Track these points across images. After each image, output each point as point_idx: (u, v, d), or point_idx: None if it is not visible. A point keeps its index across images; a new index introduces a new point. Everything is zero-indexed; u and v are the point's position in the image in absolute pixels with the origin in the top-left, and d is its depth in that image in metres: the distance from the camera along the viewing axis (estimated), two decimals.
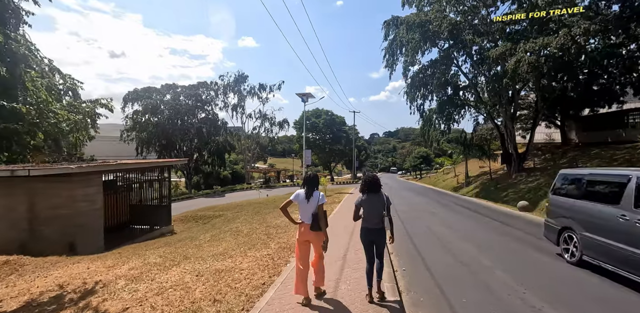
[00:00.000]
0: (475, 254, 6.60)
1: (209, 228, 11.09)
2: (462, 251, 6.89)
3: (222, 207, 16.92)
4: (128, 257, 6.94)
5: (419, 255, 6.57)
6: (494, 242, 7.76)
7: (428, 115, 25.57)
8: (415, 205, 15.84)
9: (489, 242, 7.75)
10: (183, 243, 8.25)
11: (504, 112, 21.76)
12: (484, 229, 9.51)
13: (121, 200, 12.37)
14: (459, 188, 26.94)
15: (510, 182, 20.82)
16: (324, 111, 51.15)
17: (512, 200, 16.52)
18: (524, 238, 8.19)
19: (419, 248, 7.14)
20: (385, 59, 24.33)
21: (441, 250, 7.01)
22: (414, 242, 7.68)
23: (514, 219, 11.39)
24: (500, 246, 7.38)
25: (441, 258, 6.43)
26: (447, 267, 5.81)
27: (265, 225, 9.48)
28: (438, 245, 7.52)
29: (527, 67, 14.87)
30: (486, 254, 6.60)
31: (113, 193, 11.68)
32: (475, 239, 8.06)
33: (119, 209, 12.19)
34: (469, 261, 6.14)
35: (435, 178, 41.66)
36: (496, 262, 6.02)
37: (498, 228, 9.73)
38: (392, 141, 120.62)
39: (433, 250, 7.06)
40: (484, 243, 7.65)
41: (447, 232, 9.02)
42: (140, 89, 37.73)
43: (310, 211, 3.88)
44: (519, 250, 6.97)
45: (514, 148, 22.01)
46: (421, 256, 6.49)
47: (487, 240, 7.95)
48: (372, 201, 4.07)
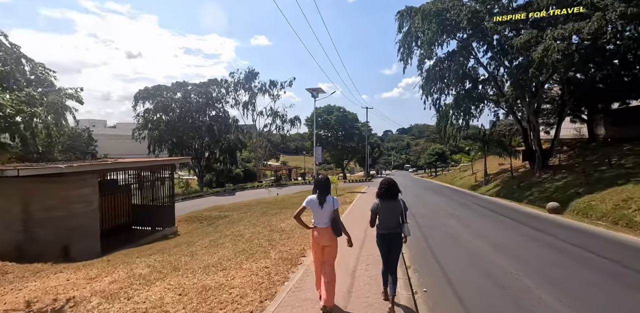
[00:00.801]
0: (512, 270, 5.57)
1: (211, 231, 10.44)
2: (494, 266, 5.84)
3: (229, 207, 16.33)
4: (115, 266, 6.30)
5: (442, 272, 5.60)
6: (530, 254, 6.65)
7: (444, 110, 24.34)
8: (433, 206, 14.73)
9: (526, 255, 6.62)
10: (179, 249, 7.59)
11: (527, 106, 20.40)
12: (515, 236, 8.39)
13: (122, 201, 11.86)
14: (477, 186, 25.66)
15: (534, 180, 19.51)
16: (336, 108, 50.10)
17: (538, 200, 15.32)
18: (564, 249, 7.15)
19: (441, 261, 6.17)
20: (400, 52, 23.23)
21: (469, 265, 6.01)
22: (435, 254, 6.70)
23: (545, 223, 10.25)
24: (540, 259, 6.26)
25: (471, 276, 5.40)
26: (479, 290, 4.81)
27: (269, 229, 8.74)
28: (464, 258, 6.49)
29: (557, 55, 13.59)
30: (525, 271, 5.53)
31: (113, 194, 11.17)
32: (508, 250, 6.99)
33: (120, 210, 11.69)
34: (506, 281, 5.09)
35: (452, 176, 40.23)
36: (541, 283, 4.95)
37: (531, 235, 8.59)
38: (406, 138, 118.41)
39: (459, 264, 6.05)
40: (520, 255, 6.55)
41: (473, 240, 7.98)
42: (151, 87, 37.62)
43: (324, 216, 3.81)
44: (566, 266, 5.93)
45: (537, 144, 20.64)
46: (445, 273, 5.52)
47: (522, 252, 6.85)
48: (389, 207, 3.92)
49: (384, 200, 3.93)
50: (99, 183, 10.26)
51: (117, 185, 11.69)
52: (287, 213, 11.69)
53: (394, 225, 3.91)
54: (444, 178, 40.67)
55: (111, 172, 12.11)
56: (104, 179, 10.92)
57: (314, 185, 4.01)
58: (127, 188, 12.16)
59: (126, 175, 12.51)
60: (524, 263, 5.95)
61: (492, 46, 19.52)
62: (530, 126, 21.31)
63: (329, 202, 3.81)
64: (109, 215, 10.96)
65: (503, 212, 12.84)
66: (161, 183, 12.59)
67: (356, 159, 58.23)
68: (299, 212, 3.90)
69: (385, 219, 3.92)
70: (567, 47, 14.27)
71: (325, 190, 3.88)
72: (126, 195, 12.08)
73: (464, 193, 23.29)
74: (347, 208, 12.31)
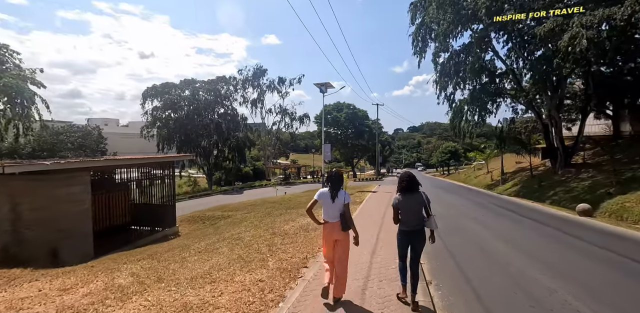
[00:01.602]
0: (554, 287, 4.61)
1: (211, 232, 9.78)
2: (531, 281, 4.88)
3: (234, 207, 15.70)
4: (97, 274, 5.65)
5: (470, 287, 4.75)
6: (574, 267, 5.63)
7: (459, 106, 23.25)
8: (451, 208, 13.63)
9: (569, 268, 5.56)
10: (171, 253, 6.91)
11: (549, 100, 19.19)
12: (548, 243, 7.40)
13: (120, 200, 11.31)
14: (493, 185, 24.49)
15: (556, 179, 18.35)
16: (346, 105, 49.14)
17: (564, 200, 14.23)
18: (609, 259, 6.23)
19: (468, 274, 5.31)
20: (414, 45, 22.23)
21: (503, 281, 5.03)
22: (460, 265, 5.80)
23: (577, 227, 9.21)
24: (586, 273, 5.29)
25: (507, 295, 4.45)
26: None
27: (271, 232, 8.01)
28: (495, 271, 5.50)
29: (587, 43, 12.46)
30: (575, 290, 4.51)
31: (110, 192, 10.61)
32: (545, 261, 6.00)
33: (117, 209, 11.14)
34: (553, 303, 4.12)
35: (466, 174, 38.92)
36: (600, 307, 4.02)
37: (566, 241, 7.60)
38: (417, 136, 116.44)
39: (491, 281, 5.08)
40: (562, 269, 5.52)
41: (501, 248, 6.98)
42: (160, 84, 37.32)
43: (335, 210, 3.76)
44: (617, 283, 5.00)
45: (560, 141, 19.43)
46: (474, 289, 4.66)
47: (563, 264, 5.85)
48: (410, 201, 3.80)
49: (405, 194, 3.80)
50: (94, 182, 9.71)
51: (114, 183, 11.14)
52: (292, 214, 10.96)
53: (416, 222, 3.78)
54: (457, 177, 39.40)
55: (114, 170, 11.61)
56: (99, 177, 10.36)
57: (326, 180, 3.95)
58: (125, 187, 11.61)
59: (127, 173, 11.99)
60: (568, 280, 4.97)
61: (511, 37, 18.35)
62: (551, 122, 20.09)
63: (341, 196, 3.76)
64: (104, 215, 10.41)
65: (527, 214, 11.82)
66: (161, 182, 12.00)
67: (366, 157, 57.21)
68: (310, 205, 3.88)
69: (407, 215, 3.79)
70: (597, 34, 13.12)
71: (337, 184, 3.82)
72: (124, 194, 11.52)
73: (480, 192, 22.19)
74: (357, 209, 11.49)
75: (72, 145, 36.50)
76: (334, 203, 3.74)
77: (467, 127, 24.71)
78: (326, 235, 3.84)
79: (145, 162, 11.23)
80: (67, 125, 41.51)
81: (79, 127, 42.15)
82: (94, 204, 9.93)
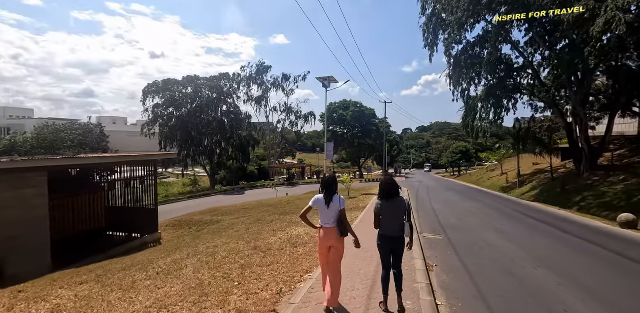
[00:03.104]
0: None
1: (188, 243, 8.50)
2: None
3: (225, 210, 14.42)
4: (14, 305, 4.39)
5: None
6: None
7: (472, 103, 21.65)
8: (468, 216, 11.76)
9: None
10: (124, 274, 5.63)
11: (574, 95, 17.49)
12: (599, 268, 5.88)
13: (92, 202, 10.11)
14: (509, 188, 22.80)
15: (581, 182, 16.66)
16: (352, 103, 47.51)
17: (594, 207, 12.63)
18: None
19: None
20: (425, 38, 20.69)
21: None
22: (487, 301, 4.36)
23: (626, 244, 7.55)
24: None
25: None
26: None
27: (253, 245, 6.69)
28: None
29: (626, 28, 10.84)
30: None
31: (78, 195, 9.41)
32: (599, 293, 4.59)
33: (89, 213, 9.94)
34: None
35: (478, 176, 37.10)
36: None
37: (619, 265, 6.06)
38: (426, 136, 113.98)
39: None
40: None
41: (538, 276, 5.40)
42: (161, 81, 36.34)
43: (330, 216, 3.70)
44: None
45: (585, 140, 17.73)
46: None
47: (627, 301, 4.41)
48: (392, 207, 3.73)
49: (386, 200, 3.77)
50: (58, 183, 8.52)
51: (85, 184, 9.95)
52: (285, 221, 9.62)
53: (397, 228, 3.73)
54: (468, 179, 37.60)
55: (94, 170, 10.42)
56: (64, 177, 9.16)
57: (321, 186, 3.85)
58: (99, 188, 10.41)
59: (110, 174, 10.81)
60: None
61: (533, 26, 16.68)
62: (576, 119, 18.41)
63: (336, 202, 3.70)
64: (73, 219, 9.23)
65: (558, 224, 10.18)
66: (141, 183, 10.77)
67: (374, 157, 55.55)
68: (305, 211, 3.80)
69: (388, 220, 3.76)
70: (637, 18, 11.50)
71: (331, 190, 3.75)
72: (99, 196, 10.32)
73: (496, 196, 20.55)
74: (359, 217, 10.05)
75: (72, 143, 35.83)
76: (329, 209, 3.68)
77: (481, 125, 23.10)
78: (321, 241, 3.76)
79: (120, 160, 9.97)
80: (69, 123, 40.92)
81: (81, 124, 41.52)
82: (60, 208, 8.76)
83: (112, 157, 10.34)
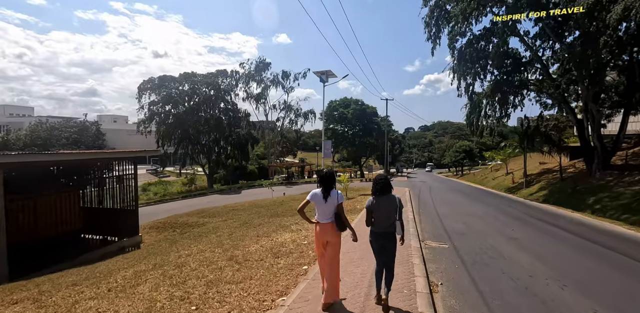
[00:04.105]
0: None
1: (164, 249, 7.65)
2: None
3: (214, 211, 13.57)
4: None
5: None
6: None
7: (476, 100, 20.71)
8: (476, 220, 10.64)
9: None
10: (71, 290, 4.78)
11: (586, 91, 16.51)
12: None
13: (68, 203, 9.29)
14: (516, 189, 21.83)
15: (594, 183, 15.69)
16: (353, 100, 46.55)
17: (611, 210, 11.67)
18: None
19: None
20: (427, 30, 19.74)
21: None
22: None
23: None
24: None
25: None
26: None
27: (229, 255, 5.83)
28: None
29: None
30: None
31: (43, 195, 8.58)
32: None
33: (63, 214, 9.12)
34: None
35: (482, 175, 36.10)
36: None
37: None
38: (429, 135, 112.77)
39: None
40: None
41: (566, 298, 4.45)
42: (157, 77, 35.48)
43: (328, 211, 3.69)
44: None
45: (598, 138, 16.74)
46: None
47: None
48: (383, 204, 3.74)
49: (378, 196, 3.76)
50: (21, 182, 7.70)
51: (56, 183, 9.11)
52: (273, 224, 8.75)
53: (388, 224, 3.73)
54: (472, 178, 36.59)
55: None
56: (30, 176, 8.32)
57: (319, 180, 3.82)
58: (72, 187, 9.57)
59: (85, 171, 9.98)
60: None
61: (541, 17, 15.64)
62: (587, 116, 17.41)
63: (333, 196, 3.67)
64: (38, 222, 8.40)
65: (574, 229, 9.21)
66: (118, 182, 9.92)
67: (375, 156, 54.64)
68: (302, 206, 3.74)
69: (380, 217, 3.75)
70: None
71: (329, 185, 3.71)
72: (72, 196, 9.49)
73: (502, 197, 19.61)
74: (354, 221, 9.15)
75: (67, 141, 35.16)
76: (327, 203, 3.66)
77: (486, 123, 22.16)
78: (318, 236, 3.76)
79: (86, 157, 9.07)
80: (64, 120, 40.28)
81: (77, 122, 40.85)
82: (23, 209, 7.94)
83: (79, 154, 9.47)
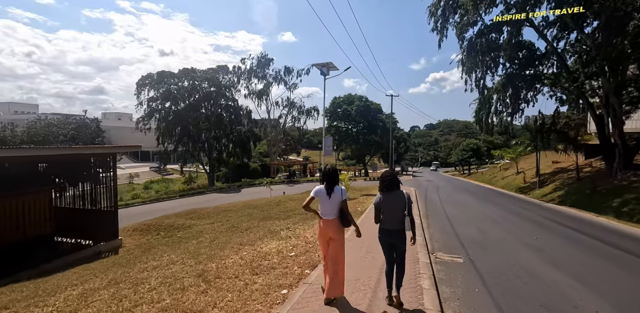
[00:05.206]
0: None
1: (137, 256, 6.75)
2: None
3: (204, 212, 12.65)
4: None
5: None
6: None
7: (486, 95, 19.57)
8: (488, 224, 9.60)
9: None
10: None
11: (607, 83, 15.30)
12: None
13: (38, 203, 8.42)
14: (528, 189, 20.65)
15: (616, 183, 14.52)
16: (357, 97, 45.34)
17: (639, 214, 10.53)
18: None
19: None
20: (434, 20, 18.58)
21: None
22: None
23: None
24: None
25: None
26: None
27: (201, 269, 4.89)
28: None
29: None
30: None
31: (10, 196, 7.70)
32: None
33: (31, 216, 8.25)
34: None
35: (490, 174, 34.83)
36: None
37: None
38: (434, 133, 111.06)
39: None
40: None
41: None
42: (156, 73, 34.66)
43: (332, 207, 3.68)
44: None
45: (619, 135, 15.54)
46: None
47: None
48: (392, 200, 3.66)
49: (386, 193, 3.70)
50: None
51: (22, 182, 8.22)
52: (263, 229, 7.79)
53: (397, 221, 3.61)
54: (480, 178, 35.34)
55: None
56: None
57: (322, 177, 3.86)
58: (42, 187, 8.69)
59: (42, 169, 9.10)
60: None
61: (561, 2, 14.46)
62: (608, 112, 16.18)
63: (337, 192, 3.67)
64: (15, 222, 7.56)
65: (606, 238, 7.98)
66: (94, 182, 9.02)
67: (380, 154, 53.44)
68: (307, 202, 3.71)
69: (389, 214, 3.65)
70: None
71: (333, 180, 3.71)
72: (42, 196, 8.61)
73: (515, 198, 18.46)
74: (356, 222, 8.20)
75: (65, 137, 34.58)
76: (330, 200, 3.64)
77: (496, 119, 21.01)
78: (321, 233, 3.76)
79: (56, 152, 8.16)
80: (63, 117, 39.79)
81: (76, 119, 40.33)
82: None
83: (44, 149, 8.57)
